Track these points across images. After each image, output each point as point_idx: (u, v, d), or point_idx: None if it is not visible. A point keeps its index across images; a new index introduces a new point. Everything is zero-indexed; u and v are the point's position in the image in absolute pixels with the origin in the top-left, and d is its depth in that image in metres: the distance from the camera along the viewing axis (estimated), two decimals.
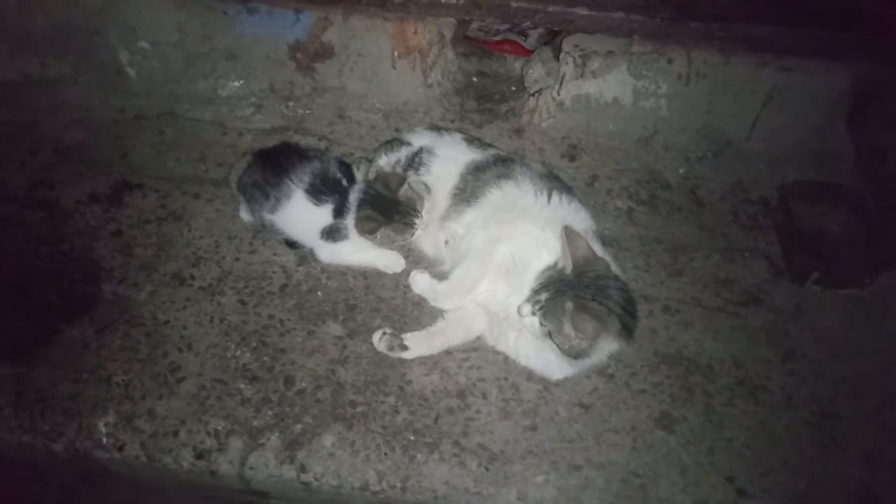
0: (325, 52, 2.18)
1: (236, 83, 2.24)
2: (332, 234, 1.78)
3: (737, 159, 2.25)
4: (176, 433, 1.56)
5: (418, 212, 1.78)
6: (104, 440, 1.54)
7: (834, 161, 2.21)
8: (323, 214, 1.76)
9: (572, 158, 2.23)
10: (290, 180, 1.75)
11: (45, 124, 2.17)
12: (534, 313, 1.54)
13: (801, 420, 1.69)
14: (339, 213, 1.76)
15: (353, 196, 1.78)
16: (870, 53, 2.06)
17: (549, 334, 1.52)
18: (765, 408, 1.70)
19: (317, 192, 1.75)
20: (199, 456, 1.53)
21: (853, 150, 2.18)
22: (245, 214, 1.92)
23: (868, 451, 1.64)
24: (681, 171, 2.24)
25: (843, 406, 1.71)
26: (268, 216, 1.79)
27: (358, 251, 1.81)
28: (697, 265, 1.99)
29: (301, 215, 1.77)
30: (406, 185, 1.77)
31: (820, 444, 1.65)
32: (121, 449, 1.54)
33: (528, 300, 1.55)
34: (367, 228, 1.75)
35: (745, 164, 2.25)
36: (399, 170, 1.89)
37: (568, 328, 1.47)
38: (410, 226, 1.78)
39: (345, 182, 1.83)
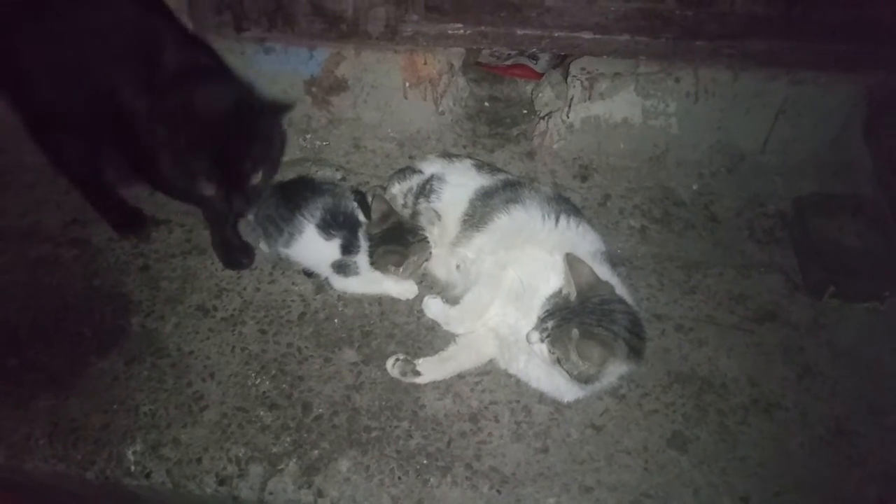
0: (340, 86, 2.25)
1: None
2: (342, 269, 1.83)
3: (751, 173, 2.25)
4: (199, 460, 1.63)
5: (422, 225, 1.83)
6: (132, 468, 1.62)
7: (851, 172, 2.19)
8: (333, 249, 1.81)
9: (584, 179, 2.25)
10: (302, 216, 1.81)
11: None
12: (542, 341, 1.56)
13: (816, 438, 1.68)
14: (347, 249, 1.81)
15: (362, 237, 1.82)
16: (883, 64, 2.04)
17: (559, 361, 1.54)
18: (780, 426, 1.69)
19: (327, 227, 1.81)
20: (222, 482, 1.60)
21: (871, 161, 2.16)
22: (264, 246, 1.99)
23: (886, 469, 1.62)
24: (694, 187, 2.24)
25: (861, 423, 1.69)
26: (283, 250, 1.87)
27: (371, 283, 1.86)
28: (712, 282, 1.99)
29: (313, 249, 1.83)
30: (388, 201, 1.84)
31: (836, 462, 1.63)
32: (148, 476, 1.61)
33: (535, 328, 1.57)
34: (394, 262, 1.77)
35: (760, 178, 2.24)
36: (411, 197, 1.95)
37: (575, 355, 1.49)
38: (425, 240, 1.81)
39: (359, 215, 1.88)
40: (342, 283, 1.87)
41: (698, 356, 1.82)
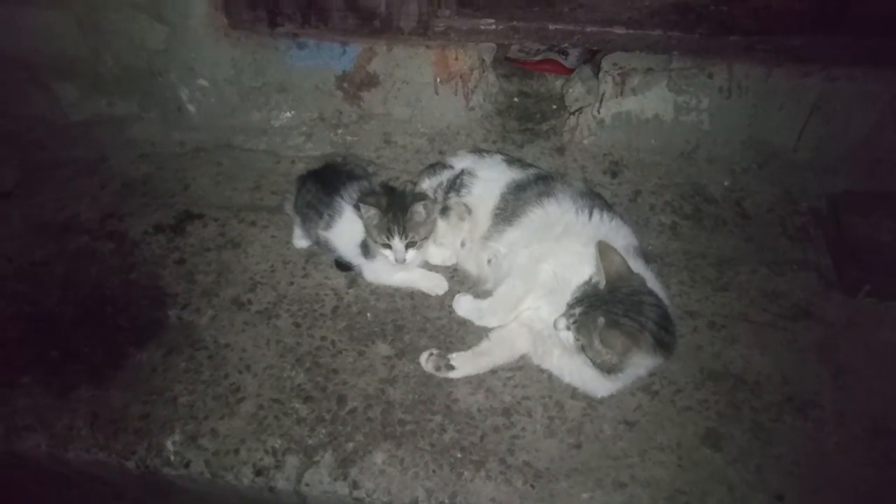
0: (371, 81, 2.27)
1: (288, 114, 2.36)
2: (366, 249, 1.85)
3: (784, 170, 2.23)
4: (237, 451, 1.65)
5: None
6: (172, 458, 1.65)
7: (886, 169, 2.16)
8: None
9: (614, 175, 2.25)
10: (341, 197, 1.85)
11: (114, 159, 2.33)
12: (568, 328, 1.57)
13: (852, 437, 1.66)
14: None
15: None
16: None
17: (583, 348, 1.54)
18: (815, 424, 1.68)
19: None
20: (258, 473, 1.62)
21: None
22: (298, 242, 2.01)
23: None
24: (725, 183, 2.23)
25: None
26: (322, 233, 1.89)
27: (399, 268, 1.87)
28: (744, 279, 1.98)
29: (348, 231, 1.85)
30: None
31: (872, 461, 1.62)
32: (187, 466, 1.64)
33: (563, 314, 1.58)
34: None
35: (792, 175, 2.22)
36: (441, 192, 1.96)
37: (598, 343, 1.50)
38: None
39: None
40: (370, 271, 1.89)
41: (731, 353, 1.82)
